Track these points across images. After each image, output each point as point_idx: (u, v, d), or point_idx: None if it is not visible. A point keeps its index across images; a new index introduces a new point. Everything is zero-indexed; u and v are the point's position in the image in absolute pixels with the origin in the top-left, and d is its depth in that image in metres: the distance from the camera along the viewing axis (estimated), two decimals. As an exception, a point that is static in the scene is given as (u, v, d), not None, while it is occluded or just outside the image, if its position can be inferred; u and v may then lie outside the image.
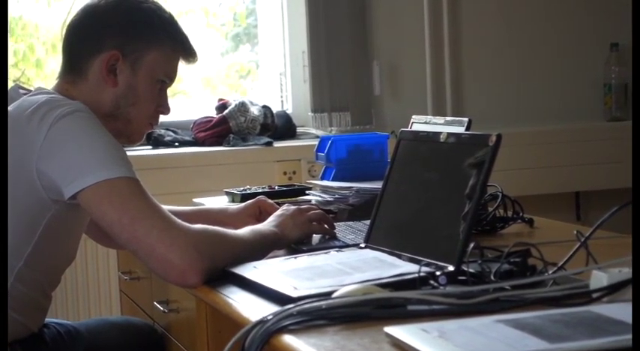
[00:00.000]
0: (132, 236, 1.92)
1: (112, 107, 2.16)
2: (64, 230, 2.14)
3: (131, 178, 1.97)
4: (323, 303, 1.52)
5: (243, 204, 2.44)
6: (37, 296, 2.17)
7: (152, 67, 2.17)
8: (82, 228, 2.25)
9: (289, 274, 1.79)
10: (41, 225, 2.06)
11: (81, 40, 2.18)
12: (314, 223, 2.19)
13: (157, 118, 2.25)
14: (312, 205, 2.44)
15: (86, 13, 2.20)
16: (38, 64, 4.33)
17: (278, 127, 4.07)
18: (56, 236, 2.11)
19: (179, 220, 1.95)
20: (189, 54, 2.24)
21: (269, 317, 1.49)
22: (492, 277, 1.65)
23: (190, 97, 4.52)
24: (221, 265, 1.90)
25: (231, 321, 1.71)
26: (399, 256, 1.86)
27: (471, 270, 1.67)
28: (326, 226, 2.23)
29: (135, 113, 2.18)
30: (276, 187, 2.80)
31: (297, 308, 1.51)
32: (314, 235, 2.20)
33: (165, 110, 2.24)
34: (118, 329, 2.40)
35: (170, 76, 2.23)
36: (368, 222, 2.07)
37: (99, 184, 1.94)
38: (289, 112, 4.22)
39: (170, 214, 1.97)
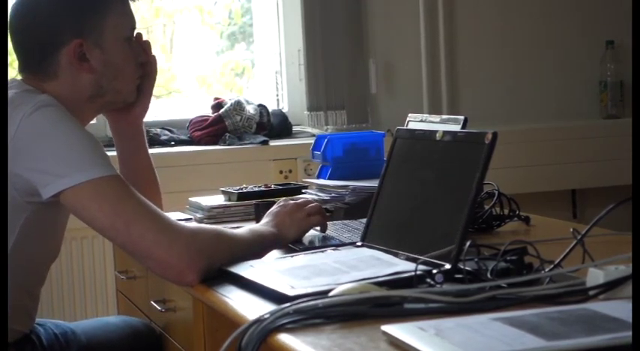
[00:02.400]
0: (128, 240, 1.91)
1: (93, 90, 2.11)
2: (44, 229, 2.11)
3: (112, 175, 1.94)
4: (320, 302, 1.52)
5: None
6: (22, 298, 2.14)
7: (114, 32, 2.12)
8: (64, 223, 2.19)
9: (286, 272, 1.79)
10: (17, 227, 2.02)
11: (36, 41, 2.11)
12: (311, 217, 2.18)
13: (140, 70, 2.21)
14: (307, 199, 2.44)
15: (28, 11, 2.12)
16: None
17: (274, 125, 4.07)
18: (35, 236, 2.07)
19: (173, 219, 1.94)
20: None
21: (266, 316, 1.49)
22: (489, 275, 1.65)
23: (186, 96, 4.52)
24: (218, 264, 1.90)
25: (227, 320, 1.71)
26: (396, 255, 1.86)
27: (468, 268, 1.67)
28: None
29: (121, 83, 2.15)
30: (273, 186, 2.80)
31: (294, 307, 1.51)
32: (311, 233, 2.20)
33: (147, 59, 2.21)
34: (115, 329, 2.39)
35: (132, 26, 2.18)
36: (364, 220, 2.07)
37: (81, 186, 1.91)
38: (285, 110, 4.22)
39: (161, 211, 1.96)
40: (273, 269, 1.83)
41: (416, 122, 2.50)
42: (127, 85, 2.17)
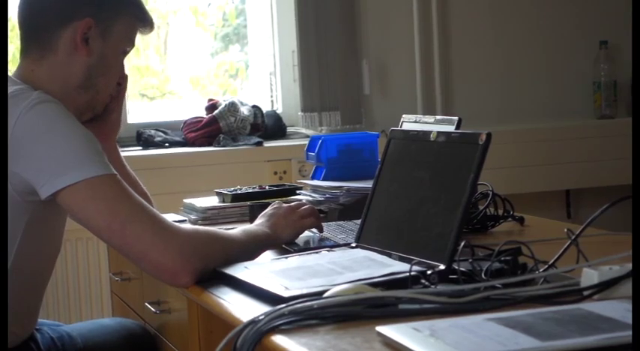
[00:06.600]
0: (123, 242, 1.90)
1: (83, 78, 2.11)
2: (48, 228, 2.10)
3: (109, 174, 1.93)
4: (314, 303, 1.52)
5: None
6: (27, 299, 2.14)
7: (120, 36, 2.14)
8: (65, 219, 2.17)
9: (280, 274, 1.79)
10: (21, 230, 2.01)
11: (48, 11, 2.11)
12: (305, 219, 2.18)
13: (121, 91, 2.23)
14: (301, 202, 2.44)
15: None
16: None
17: (268, 126, 4.07)
18: (40, 236, 2.07)
19: (169, 221, 1.94)
20: (150, 25, 2.21)
21: (260, 317, 1.49)
22: (483, 276, 1.65)
23: (180, 98, 4.51)
24: (212, 266, 1.90)
25: (222, 321, 1.71)
26: (390, 256, 1.86)
27: (462, 269, 1.67)
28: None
29: (104, 84, 2.15)
30: (267, 187, 2.80)
31: (289, 308, 1.51)
32: (306, 234, 2.20)
33: (123, 81, 2.22)
34: (110, 331, 2.39)
35: (132, 46, 2.20)
36: (359, 221, 2.07)
37: (77, 185, 1.90)
38: (279, 111, 4.22)
39: (157, 212, 1.96)
40: (268, 270, 1.83)
41: (410, 123, 2.50)
42: (106, 90, 2.17)
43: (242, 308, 1.67)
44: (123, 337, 2.36)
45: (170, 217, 2.41)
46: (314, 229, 2.22)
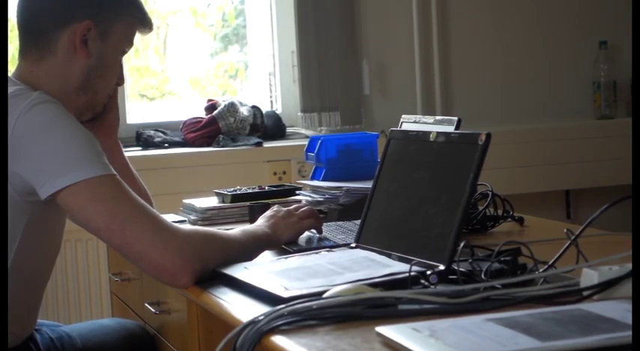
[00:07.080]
0: (123, 242, 1.90)
1: (82, 79, 2.11)
2: (47, 228, 2.10)
3: (109, 175, 1.93)
4: (314, 303, 1.52)
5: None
6: (27, 299, 2.14)
7: (120, 37, 2.14)
8: (64, 219, 2.18)
9: (280, 274, 1.79)
10: (20, 230, 2.02)
11: (47, 13, 2.11)
12: (304, 220, 2.18)
13: (115, 90, 2.23)
14: (300, 204, 2.44)
15: None
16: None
17: (267, 127, 4.07)
18: (39, 236, 2.07)
19: (168, 221, 1.94)
20: (149, 26, 2.21)
21: (260, 318, 1.49)
22: (483, 276, 1.65)
23: (180, 98, 4.51)
24: (212, 266, 1.90)
25: (222, 322, 1.71)
26: (390, 256, 1.86)
27: (462, 269, 1.67)
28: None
29: (103, 84, 2.15)
30: (266, 188, 2.80)
31: (289, 308, 1.51)
32: (305, 234, 2.20)
33: (121, 81, 2.22)
34: (110, 332, 2.38)
35: (131, 46, 2.20)
36: (358, 222, 2.07)
37: (77, 185, 1.90)
38: (279, 112, 4.22)
39: (157, 213, 1.96)
40: (268, 271, 1.83)
41: (409, 123, 2.50)
42: (105, 91, 2.17)
43: (242, 308, 1.67)
44: (122, 337, 2.36)
45: (170, 218, 2.41)
46: (313, 230, 2.22)
